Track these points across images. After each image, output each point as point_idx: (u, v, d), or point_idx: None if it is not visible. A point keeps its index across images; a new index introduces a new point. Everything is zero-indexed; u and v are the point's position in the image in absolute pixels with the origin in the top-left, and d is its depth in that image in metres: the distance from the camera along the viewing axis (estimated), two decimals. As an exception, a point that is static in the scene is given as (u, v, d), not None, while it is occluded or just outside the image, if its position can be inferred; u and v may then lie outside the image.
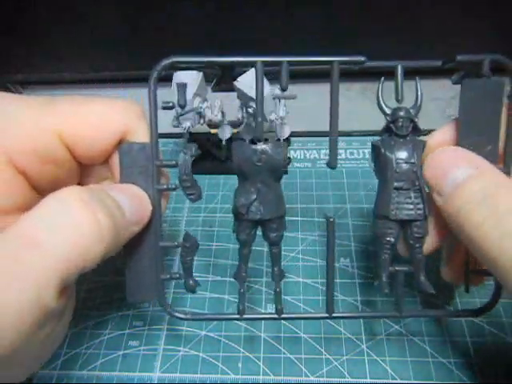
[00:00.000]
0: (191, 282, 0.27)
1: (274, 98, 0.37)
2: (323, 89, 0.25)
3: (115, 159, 0.26)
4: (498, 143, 0.25)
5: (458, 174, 0.23)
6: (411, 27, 0.48)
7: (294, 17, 0.48)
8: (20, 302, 0.19)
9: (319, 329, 0.32)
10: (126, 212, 0.23)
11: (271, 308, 0.33)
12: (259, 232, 0.27)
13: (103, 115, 0.25)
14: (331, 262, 0.27)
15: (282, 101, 0.40)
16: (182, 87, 0.26)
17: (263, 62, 0.24)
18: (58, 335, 0.23)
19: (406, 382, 0.29)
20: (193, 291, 0.28)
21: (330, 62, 0.24)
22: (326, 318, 0.27)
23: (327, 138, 0.26)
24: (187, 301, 0.34)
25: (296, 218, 0.39)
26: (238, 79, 0.37)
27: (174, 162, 0.26)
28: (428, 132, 0.26)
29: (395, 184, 0.25)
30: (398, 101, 0.25)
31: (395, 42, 0.48)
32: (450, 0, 0.46)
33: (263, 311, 0.33)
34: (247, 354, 0.31)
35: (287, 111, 0.41)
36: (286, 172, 0.43)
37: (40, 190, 0.25)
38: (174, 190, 0.26)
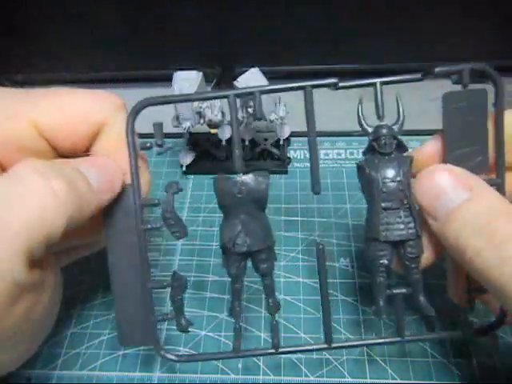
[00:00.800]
0: (183, 321, 0.26)
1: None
2: (324, 89, 0.25)
3: (93, 152, 0.26)
4: (488, 154, 0.24)
5: (452, 197, 0.23)
6: (411, 27, 0.48)
7: (294, 17, 0.48)
8: None
9: (319, 329, 0.32)
10: (91, 179, 0.23)
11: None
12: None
13: (80, 106, 0.25)
14: (325, 291, 0.26)
15: (282, 101, 0.40)
16: (159, 127, 0.27)
17: (236, 95, 0.25)
18: (45, 311, 0.23)
19: (406, 381, 0.29)
20: (185, 331, 0.27)
21: (303, 87, 0.24)
22: (326, 348, 0.27)
23: (327, 138, 0.26)
24: (186, 300, 0.34)
25: (296, 218, 0.39)
26: (238, 79, 0.37)
27: (156, 201, 0.26)
28: (429, 132, 0.26)
29: (383, 204, 0.24)
30: (379, 118, 0.25)
31: (395, 42, 0.48)
32: (450, 0, 0.46)
33: (263, 311, 0.33)
34: (247, 353, 0.31)
35: (287, 111, 0.41)
36: (286, 172, 0.43)
37: None
38: (158, 229, 0.26)
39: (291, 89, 0.25)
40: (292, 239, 0.37)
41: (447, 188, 0.23)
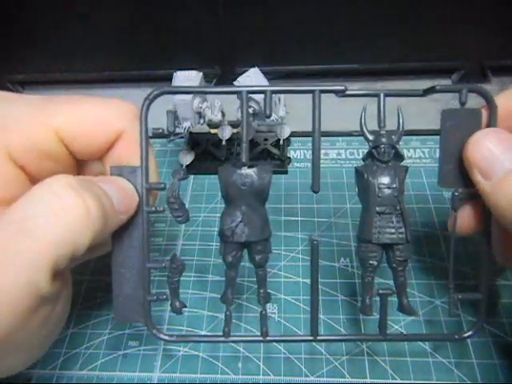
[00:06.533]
0: (177, 303, 0.27)
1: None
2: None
3: (109, 157, 0.27)
4: None
5: (509, 157, 0.23)
6: (411, 27, 0.48)
7: (294, 17, 0.48)
8: (13, 287, 0.19)
9: (319, 329, 0.32)
10: (113, 200, 0.24)
11: (270, 307, 0.33)
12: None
13: (99, 114, 0.26)
14: (315, 285, 0.27)
15: (282, 101, 0.40)
16: (171, 114, 0.27)
17: (248, 91, 0.25)
18: (55, 324, 0.24)
19: (406, 381, 0.29)
20: (179, 313, 0.27)
21: (312, 91, 0.25)
22: (311, 340, 0.28)
23: (327, 138, 0.26)
24: (187, 300, 0.34)
25: (296, 218, 0.39)
26: (238, 79, 0.37)
27: (162, 185, 0.26)
28: (429, 132, 0.26)
29: (377, 209, 0.26)
30: (380, 128, 0.26)
31: (395, 42, 0.48)
32: (451, 0, 0.46)
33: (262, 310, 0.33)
34: (247, 354, 0.31)
35: (287, 111, 0.41)
36: (286, 172, 0.43)
37: None
38: (163, 212, 0.26)
39: (302, 92, 0.26)
40: (292, 239, 0.37)
41: (505, 150, 0.24)
